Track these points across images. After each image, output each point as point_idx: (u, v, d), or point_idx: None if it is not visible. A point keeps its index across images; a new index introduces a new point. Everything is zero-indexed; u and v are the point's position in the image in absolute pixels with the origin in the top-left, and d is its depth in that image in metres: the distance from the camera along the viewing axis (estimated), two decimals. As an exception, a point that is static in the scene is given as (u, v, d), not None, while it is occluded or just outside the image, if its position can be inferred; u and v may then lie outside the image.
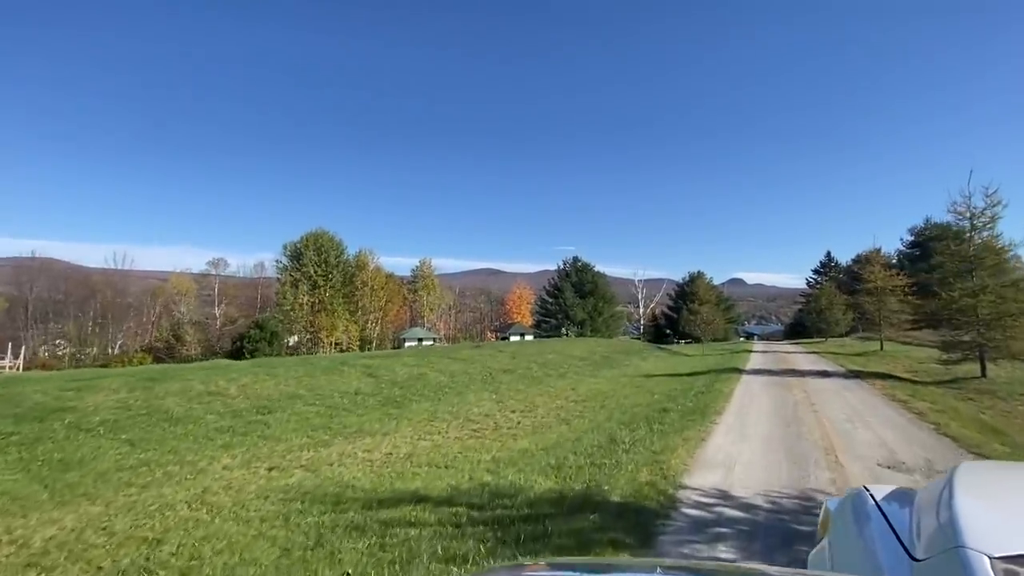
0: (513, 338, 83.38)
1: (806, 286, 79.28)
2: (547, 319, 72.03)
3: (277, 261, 68.09)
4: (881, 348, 27.44)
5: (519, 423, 10.75)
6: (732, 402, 11.28)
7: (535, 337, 79.21)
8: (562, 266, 72.68)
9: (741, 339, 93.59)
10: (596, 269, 71.93)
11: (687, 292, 66.45)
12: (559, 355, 24.87)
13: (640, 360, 26.21)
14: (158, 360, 56.38)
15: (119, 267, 70.20)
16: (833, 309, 41.32)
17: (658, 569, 1.03)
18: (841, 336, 44.46)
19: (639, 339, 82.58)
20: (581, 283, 70.10)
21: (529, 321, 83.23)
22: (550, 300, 71.62)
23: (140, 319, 60.93)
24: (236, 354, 58.58)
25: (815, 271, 77.84)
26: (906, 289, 27.22)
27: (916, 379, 16.38)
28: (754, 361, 23.81)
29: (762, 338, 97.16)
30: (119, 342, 57.62)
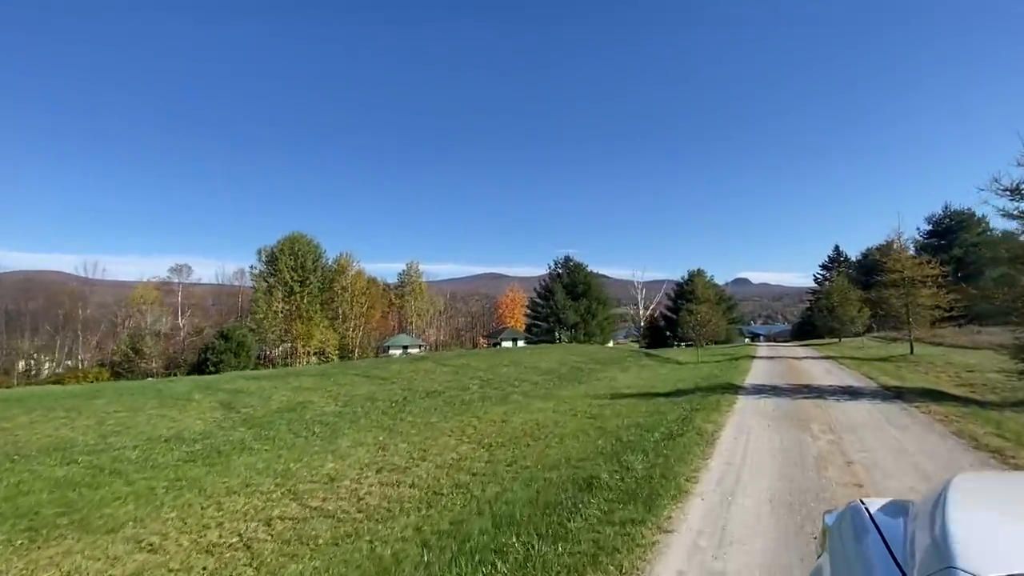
0: (505, 344, 78.68)
1: (814, 283, 74.25)
2: (538, 323, 67.35)
3: (252, 267, 63.95)
4: (911, 351, 22.67)
5: (361, 500, 6.36)
6: (712, 464, 6.65)
7: (527, 343, 74.67)
8: (553, 266, 68.05)
9: (746, 340, 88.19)
10: (589, 269, 67.28)
11: (686, 291, 61.59)
12: (518, 367, 20.30)
13: (619, 372, 21.58)
14: (116, 375, 52.22)
15: (89, 276, 66.46)
16: (847, 305, 36.43)
17: None
18: (856, 336, 39.54)
19: (637, 342, 77.84)
20: (574, 284, 65.42)
21: (523, 325, 78.60)
22: (541, 303, 66.96)
23: (106, 331, 56.83)
24: (199, 367, 54.49)
25: (823, 266, 72.77)
26: (939, 279, 22.42)
27: (979, 398, 11.71)
28: (756, 371, 19.13)
29: (768, 339, 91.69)
30: (80, 356, 53.55)
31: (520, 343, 78.13)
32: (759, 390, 13.66)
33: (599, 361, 24.01)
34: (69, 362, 55.50)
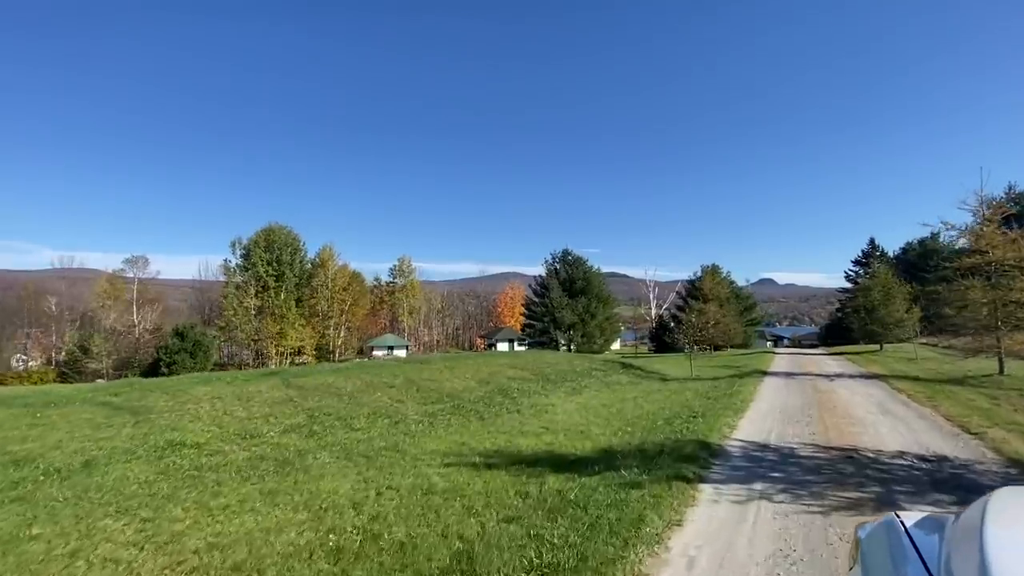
0: (500, 346, 72.06)
1: (846, 281, 65.37)
2: (533, 322, 60.36)
3: (225, 260, 58.85)
4: (1001, 370, 15.24)
5: None
6: None
7: (527, 346, 67.74)
8: (551, 260, 60.92)
9: (767, 343, 79.34)
10: (589, 264, 59.98)
11: (696, 289, 53.83)
12: (410, 389, 13.70)
13: (564, 396, 14.75)
14: (62, 377, 47.54)
15: (67, 270, 62.56)
16: (891, 304, 28.66)
17: None
18: (902, 342, 31.64)
19: (644, 344, 70.09)
20: (571, 280, 58.27)
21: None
22: (536, 301, 59.99)
23: (61, 329, 52.34)
24: (153, 369, 49.48)
25: (856, 262, 63.78)
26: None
27: None
28: (762, 405, 12.00)
29: (792, 343, 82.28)
30: (29, 355, 49.09)
31: (518, 345, 71.47)
32: (753, 468, 6.70)
33: (547, 378, 17.19)
34: (24, 360, 51.23)
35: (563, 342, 58.54)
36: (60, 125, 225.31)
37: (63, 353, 46.59)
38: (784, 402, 12.00)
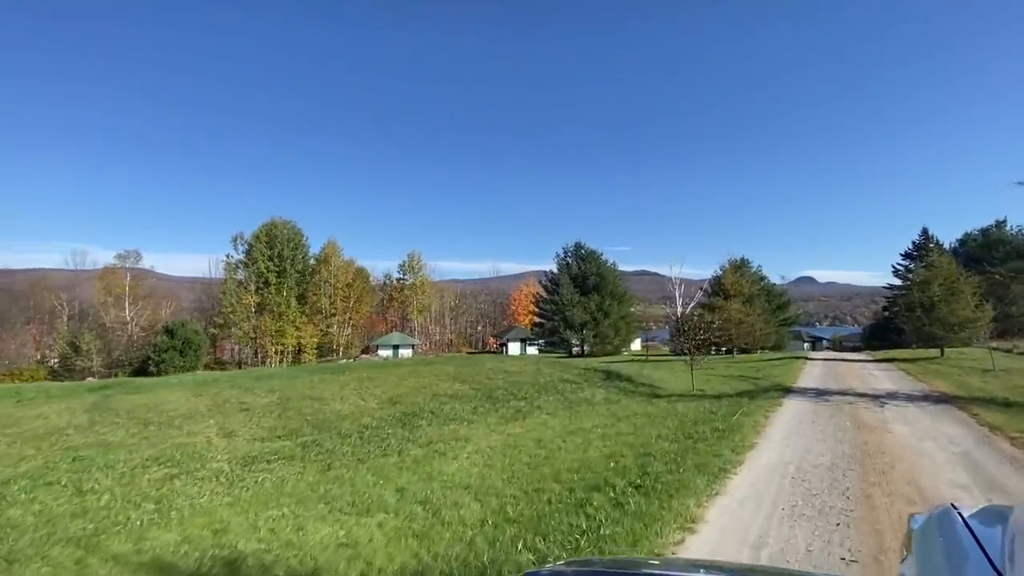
0: (512, 346, 67.70)
1: (894, 277, 58.15)
2: (542, 321, 55.93)
3: (227, 256, 56.81)
4: None
5: None
6: None
7: (540, 347, 63.31)
8: (562, 254, 56.18)
9: (805, 345, 72.25)
10: (604, 258, 55.04)
11: (722, 286, 48.20)
12: (275, 408, 9.81)
13: (496, 423, 10.52)
14: (53, 375, 46.15)
15: (76, 268, 61.99)
16: (957, 301, 23.03)
17: (701, 570, 1.02)
18: (964, 346, 25.85)
19: (670, 344, 64.46)
20: (583, 275, 53.51)
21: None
22: (546, 298, 55.48)
23: (55, 326, 51.21)
24: (142, 369, 47.57)
25: (906, 255, 56.59)
26: None
27: None
28: (767, 458, 7.41)
29: (833, 345, 74.67)
30: (24, 351, 48.02)
31: (530, 346, 66.99)
32: None
33: (492, 394, 12.96)
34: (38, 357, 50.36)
35: (576, 342, 53.96)
36: (67, 122, 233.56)
37: (54, 351, 45.09)
38: (802, 456, 7.35)
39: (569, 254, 55.50)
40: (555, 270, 55.65)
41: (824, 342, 73.51)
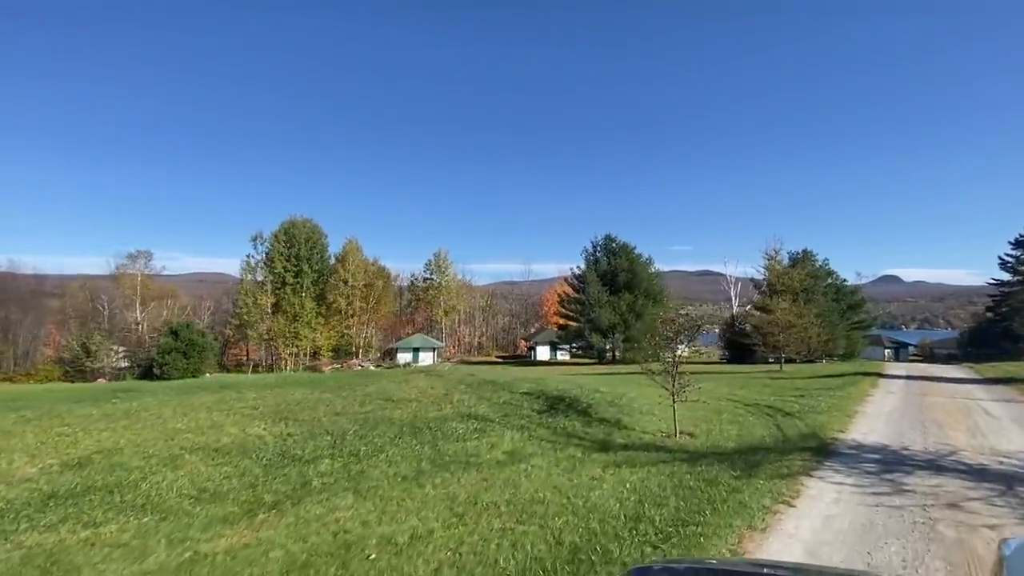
0: (541, 349, 62.02)
1: (1002, 271, 47.40)
2: (568, 322, 50.25)
3: (248, 256, 55.54)
4: None
5: None
6: None
7: (569, 352, 57.34)
8: (590, 249, 50.13)
9: (885, 352, 61.33)
10: (636, 252, 48.55)
11: (775, 284, 40.44)
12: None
13: (398, 494, 5.76)
14: (67, 376, 46.14)
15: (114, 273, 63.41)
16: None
17: (765, 569, 1.09)
18: None
19: (721, 350, 56.44)
20: (613, 272, 47.29)
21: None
22: (572, 297, 49.72)
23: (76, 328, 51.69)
24: (148, 372, 46.53)
25: (1017, 243, 45.83)
26: None
27: None
28: None
29: (921, 353, 62.95)
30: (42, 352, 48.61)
31: (560, 351, 60.97)
32: None
33: (287, 454, 8.11)
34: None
35: (607, 347, 47.87)
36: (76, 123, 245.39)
37: (67, 352, 44.98)
38: None
39: (598, 248, 49.50)
40: (583, 266, 49.93)
41: (909, 349, 62.27)
